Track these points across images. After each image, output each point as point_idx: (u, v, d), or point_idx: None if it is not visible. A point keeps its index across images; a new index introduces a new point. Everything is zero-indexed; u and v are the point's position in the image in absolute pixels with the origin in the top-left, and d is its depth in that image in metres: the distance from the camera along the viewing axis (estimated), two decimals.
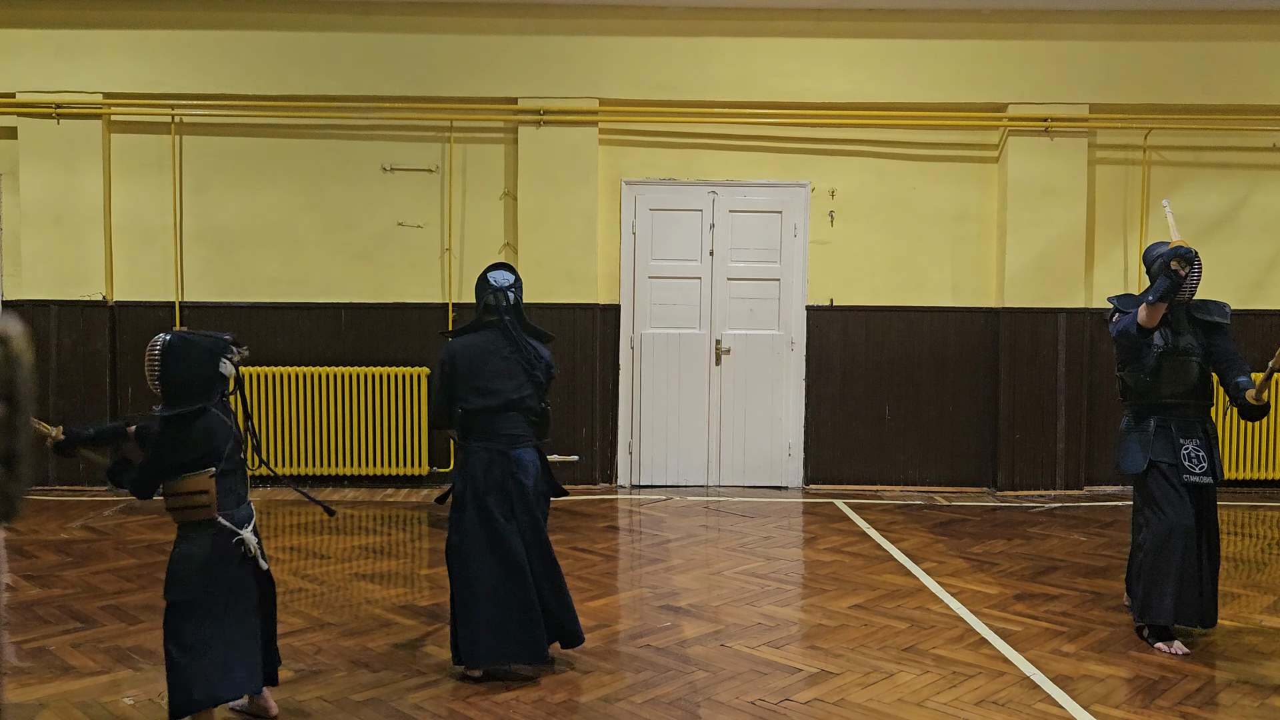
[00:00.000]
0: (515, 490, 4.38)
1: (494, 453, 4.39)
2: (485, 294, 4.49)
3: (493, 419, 4.40)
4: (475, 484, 4.37)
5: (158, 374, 3.70)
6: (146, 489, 3.74)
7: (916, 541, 6.89)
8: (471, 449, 4.42)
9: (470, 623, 4.30)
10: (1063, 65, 8.41)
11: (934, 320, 8.68)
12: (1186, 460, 4.81)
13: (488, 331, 4.48)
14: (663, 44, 8.39)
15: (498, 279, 4.50)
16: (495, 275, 4.53)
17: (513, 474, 4.37)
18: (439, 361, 4.49)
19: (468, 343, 4.47)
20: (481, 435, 4.41)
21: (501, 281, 4.50)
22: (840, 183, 8.63)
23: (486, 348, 4.43)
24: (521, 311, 4.55)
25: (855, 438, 8.71)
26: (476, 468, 4.38)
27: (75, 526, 7.09)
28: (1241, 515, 7.81)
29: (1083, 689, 4.32)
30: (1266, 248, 8.67)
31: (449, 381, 4.44)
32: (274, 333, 8.51)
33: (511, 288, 4.51)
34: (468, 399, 4.40)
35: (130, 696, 4.17)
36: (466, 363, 4.41)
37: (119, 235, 8.47)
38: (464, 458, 4.45)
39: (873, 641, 4.90)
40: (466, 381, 4.40)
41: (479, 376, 4.39)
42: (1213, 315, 4.94)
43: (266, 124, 8.50)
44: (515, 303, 4.51)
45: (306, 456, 8.44)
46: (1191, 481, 4.80)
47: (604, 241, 8.55)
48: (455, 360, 4.42)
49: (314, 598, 5.56)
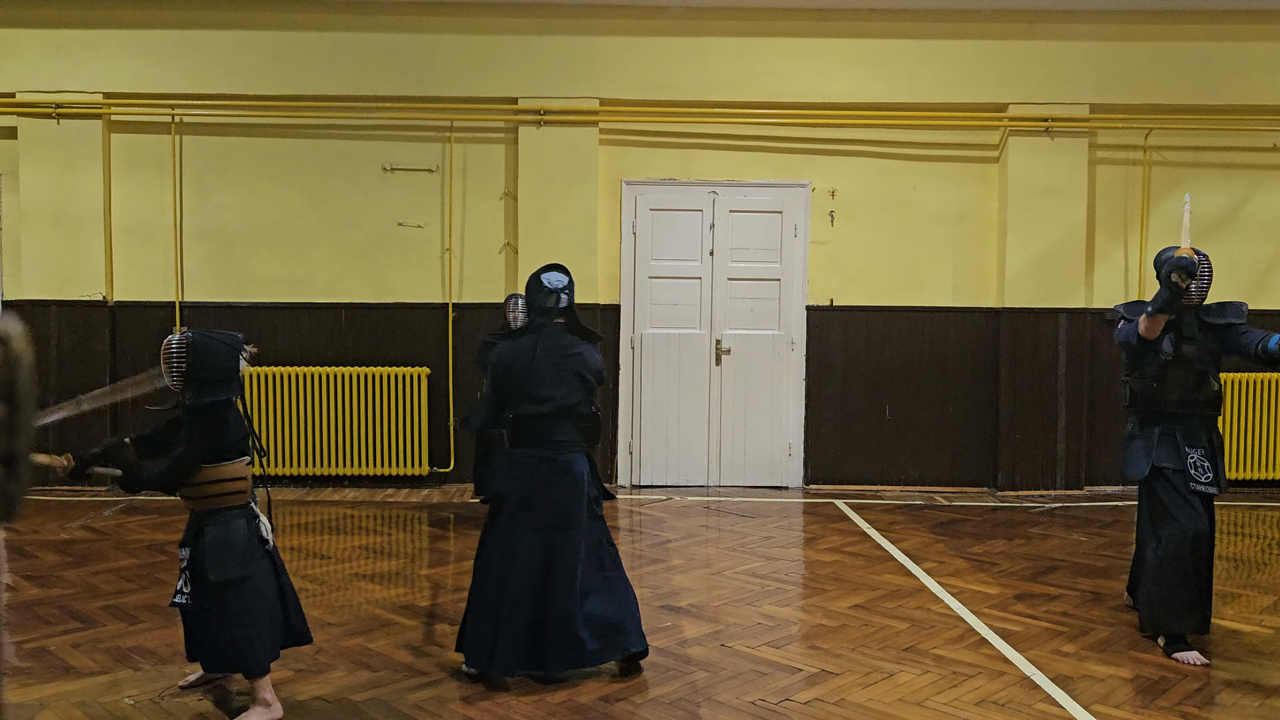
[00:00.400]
0: (560, 500, 4.29)
1: (543, 459, 4.29)
2: (538, 295, 4.37)
3: (544, 426, 4.30)
4: (523, 491, 4.28)
5: (184, 369, 3.86)
6: (178, 481, 3.90)
7: (917, 541, 6.89)
8: (521, 456, 4.31)
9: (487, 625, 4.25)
10: (1063, 65, 8.41)
11: (934, 320, 8.68)
12: (1192, 469, 4.73)
13: (538, 335, 4.35)
14: (663, 44, 8.39)
15: (551, 280, 4.37)
16: (549, 277, 4.39)
17: (559, 482, 4.29)
18: (489, 365, 4.41)
19: (519, 347, 4.34)
20: (531, 442, 4.31)
21: (555, 283, 4.36)
22: (840, 183, 8.63)
23: (538, 353, 4.30)
24: (575, 313, 4.45)
25: (855, 438, 8.71)
26: (525, 475, 4.29)
27: (75, 526, 7.09)
28: (1241, 515, 7.81)
29: (1083, 689, 4.32)
30: (1266, 248, 8.67)
31: (499, 386, 4.33)
32: (274, 333, 8.51)
33: (565, 289, 4.37)
34: (519, 405, 4.29)
35: (130, 696, 4.17)
36: (518, 368, 4.29)
37: (119, 235, 8.47)
38: (511, 463, 4.34)
39: (873, 641, 4.90)
40: (518, 388, 4.28)
41: (530, 382, 4.27)
42: (1226, 317, 4.80)
43: (266, 124, 8.50)
44: (569, 304, 4.40)
45: (307, 456, 8.44)
46: (1197, 490, 4.74)
47: (604, 241, 8.55)
48: (506, 365, 4.31)
49: (314, 598, 5.56)
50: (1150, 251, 8.54)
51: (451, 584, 5.88)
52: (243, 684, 4.14)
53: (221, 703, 4.12)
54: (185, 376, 3.87)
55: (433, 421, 8.53)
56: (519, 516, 4.28)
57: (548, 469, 4.28)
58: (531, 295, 4.40)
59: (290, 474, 8.48)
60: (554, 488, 4.28)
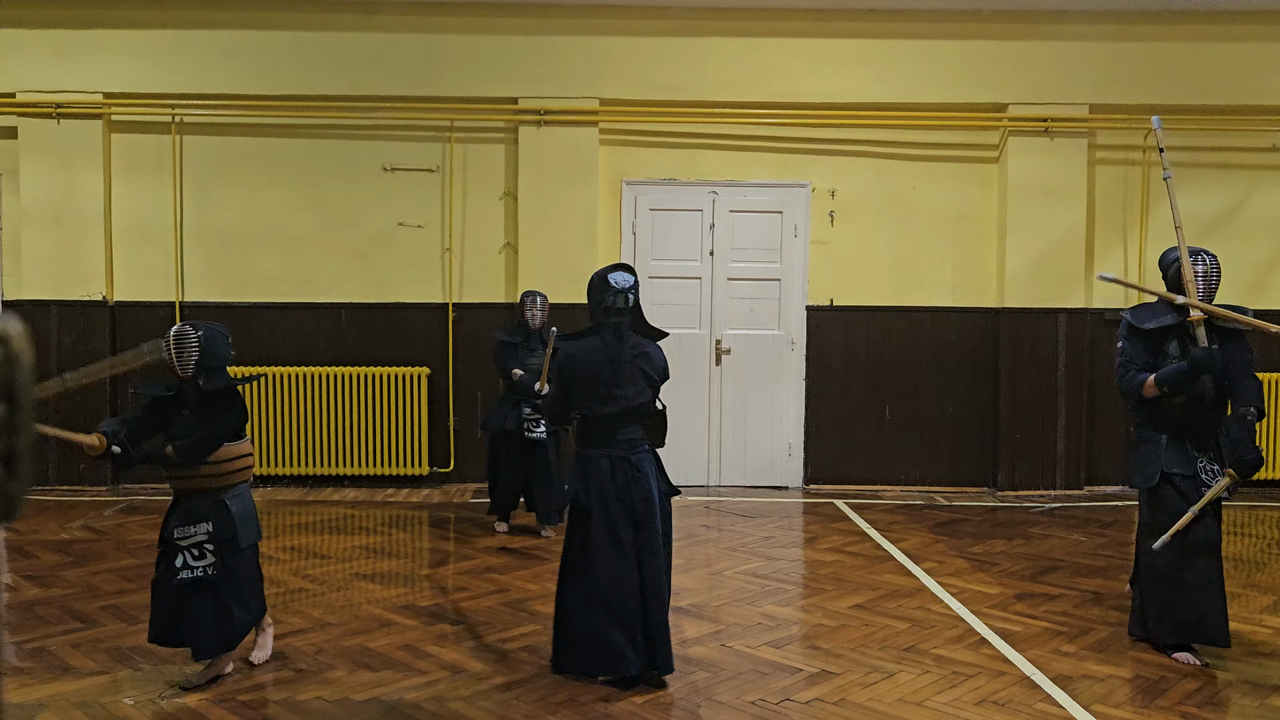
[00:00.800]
0: (638, 499, 4.28)
1: (615, 460, 4.30)
2: (605, 295, 4.34)
3: (613, 425, 4.31)
4: (600, 493, 4.27)
5: (197, 359, 4.26)
6: (203, 457, 4.27)
7: (917, 541, 6.89)
8: (592, 457, 4.32)
9: (583, 632, 4.25)
10: (1063, 65, 8.41)
11: (934, 320, 8.68)
12: (1203, 473, 4.63)
13: (606, 334, 4.33)
14: (663, 44, 8.39)
15: (619, 280, 4.33)
16: (617, 277, 4.35)
17: (636, 481, 4.28)
18: (557, 365, 4.40)
19: (588, 347, 4.33)
20: (602, 442, 4.32)
21: (623, 283, 4.33)
22: (840, 183, 8.63)
23: (607, 353, 4.29)
24: (641, 312, 4.44)
25: (855, 438, 8.71)
26: (600, 476, 4.28)
27: (75, 526, 7.09)
28: (1241, 515, 7.81)
29: (1083, 689, 4.32)
30: (1266, 248, 8.67)
31: (569, 386, 4.33)
32: (274, 333, 8.51)
33: (632, 289, 4.35)
34: (589, 406, 4.29)
35: (130, 696, 4.17)
36: (587, 369, 4.29)
37: (119, 235, 8.47)
38: (583, 466, 4.33)
39: (873, 641, 4.90)
40: (587, 388, 4.29)
41: (600, 382, 4.28)
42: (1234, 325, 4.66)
43: (266, 124, 8.50)
44: (635, 304, 4.38)
45: (307, 456, 8.44)
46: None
47: (604, 241, 8.55)
48: (575, 366, 4.31)
49: (314, 598, 5.56)
50: (1150, 251, 8.55)
51: (451, 584, 5.89)
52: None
53: (222, 702, 4.12)
54: (198, 365, 4.26)
55: (433, 421, 8.52)
56: (604, 519, 4.26)
57: (622, 470, 4.28)
58: (597, 295, 4.36)
59: (290, 474, 8.48)
60: (632, 488, 4.28)
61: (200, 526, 4.27)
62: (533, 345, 6.83)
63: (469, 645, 4.81)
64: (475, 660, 4.61)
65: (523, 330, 6.88)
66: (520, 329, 6.89)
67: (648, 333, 4.47)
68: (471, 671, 4.48)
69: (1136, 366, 4.70)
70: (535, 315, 6.85)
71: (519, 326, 6.91)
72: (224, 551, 4.28)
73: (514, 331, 6.92)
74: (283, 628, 5.03)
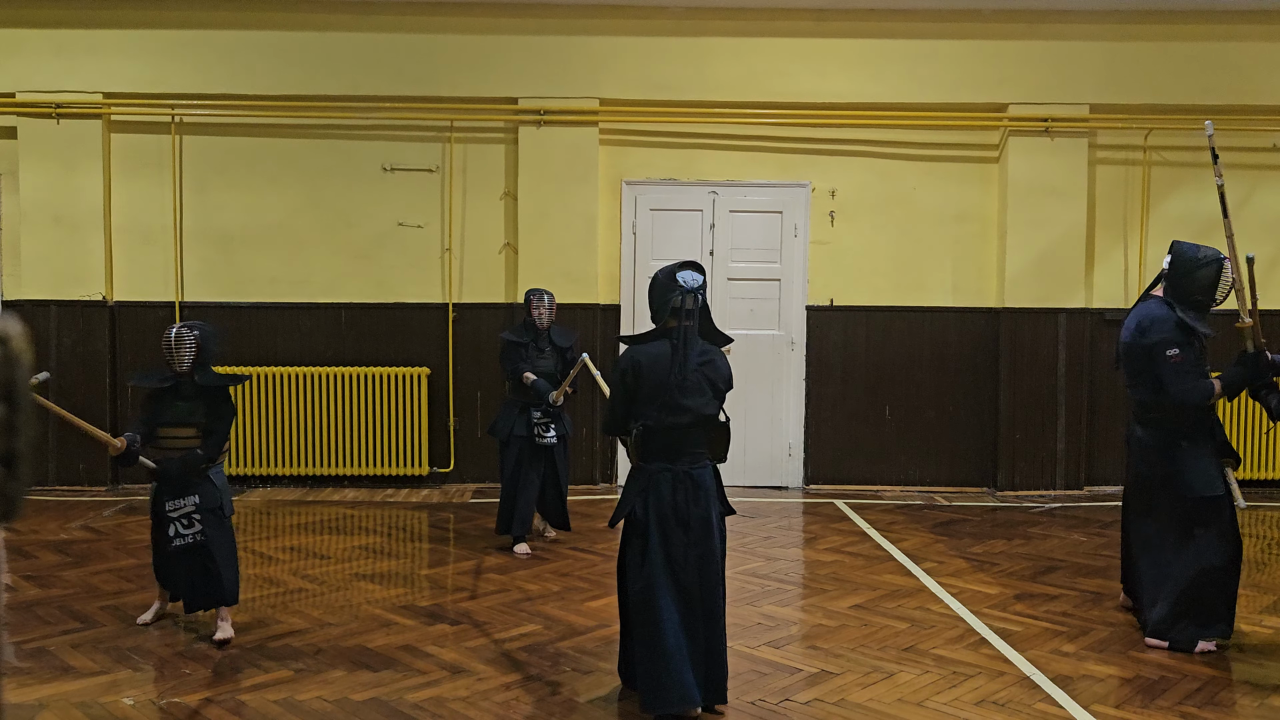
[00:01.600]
0: (697, 519, 4.00)
1: (679, 475, 4.00)
2: (671, 295, 4.00)
3: (678, 437, 4.00)
4: (658, 508, 3.98)
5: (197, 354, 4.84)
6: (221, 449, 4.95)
7: (916, 541, 6.89)
8: (655, 470, 4.01)
9: (658, 663, 3.91)
10: (1063, 65, 8.41)
11: (934, 320, 8.68)
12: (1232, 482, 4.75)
13: (673, 339, 4.01)
14: (663, 44, 8.39)
15: (688, 279, 4.01)
16: (685, 275, 4.02)
17: (696, 500, 4.00)
18: (619, 371, 4.05)
19: (655, 354, 4.00)
20: (665, 455, 4.01)
21: (692, 282, 4.00)
22: (840, 183, 8.63)
23: (675, 359, 3.97)
24: (709, 314, 4.14)
25: (855, 438, 8.71)
26: (661, 492, 3.99)
27: (75, 526, 7.09)
28: (1241, 515, 7.78)
29: (1083, 689, 4.32)
30: (1266, 248, 8.66)
31: (630, 394, 4.02)
32: (274, 333, 8.51)
33: (701, 288, 4.03)
34: (653, 416, 3.98)
35: (130, 696, 4.17)
36: (653, 376, 3.97)
37: (119, 235, 8.47)
38: (645, 479, 4.02)
39: (873, 641, 4.90)
40: (652, 397, 3.97)
41: (666, 391, 3.96)
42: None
43: (266, 124, 8.49)
44: (704, 305, 4.07)
45: (307, 456, 8.44)
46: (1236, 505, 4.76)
47: (604, 241, 8.55)
48: (640, 372, 3.98)
49: (314, 598, 5.56)
50: (1150, 251, 8.56)
51: (451, 584, 5.89)
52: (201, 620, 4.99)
53: (222, 702, 4.13)
54: (197, 360, 4.84)
55: (433, 421, 8.52)
56: (661, 537, 3.98)
57: (685, 487, 4.00)
58: (663, 294, 4.04)
59: (290, 474, 8.48)
60: (692, 507, 4.00)
61: (189, 499, 4.82)
62: (541, 345, 6.59)
63: (469, 645, 4.81)
64: (475, 660, 4.61)
65: (530, 330, 6.58)
66: (528, 328, 6.60)
67: (713, 337, 4.16)
68: (471, 671, 4.48)
69: (1198, 373, 4.67)
70: (543, 314, 6.54)
71: (526, 326, 6.62)
72: (210, 520, 4.83)
73: (521, 331, 6.63)
74: (283, 628, 5.03)
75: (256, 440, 8.42)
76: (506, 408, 6.63)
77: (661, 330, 4.07)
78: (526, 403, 6.50)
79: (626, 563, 4.11)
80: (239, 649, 4.72)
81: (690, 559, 3.98)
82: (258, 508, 7.82)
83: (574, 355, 6.59)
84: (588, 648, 4.78)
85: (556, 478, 6.64)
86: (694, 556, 3.99)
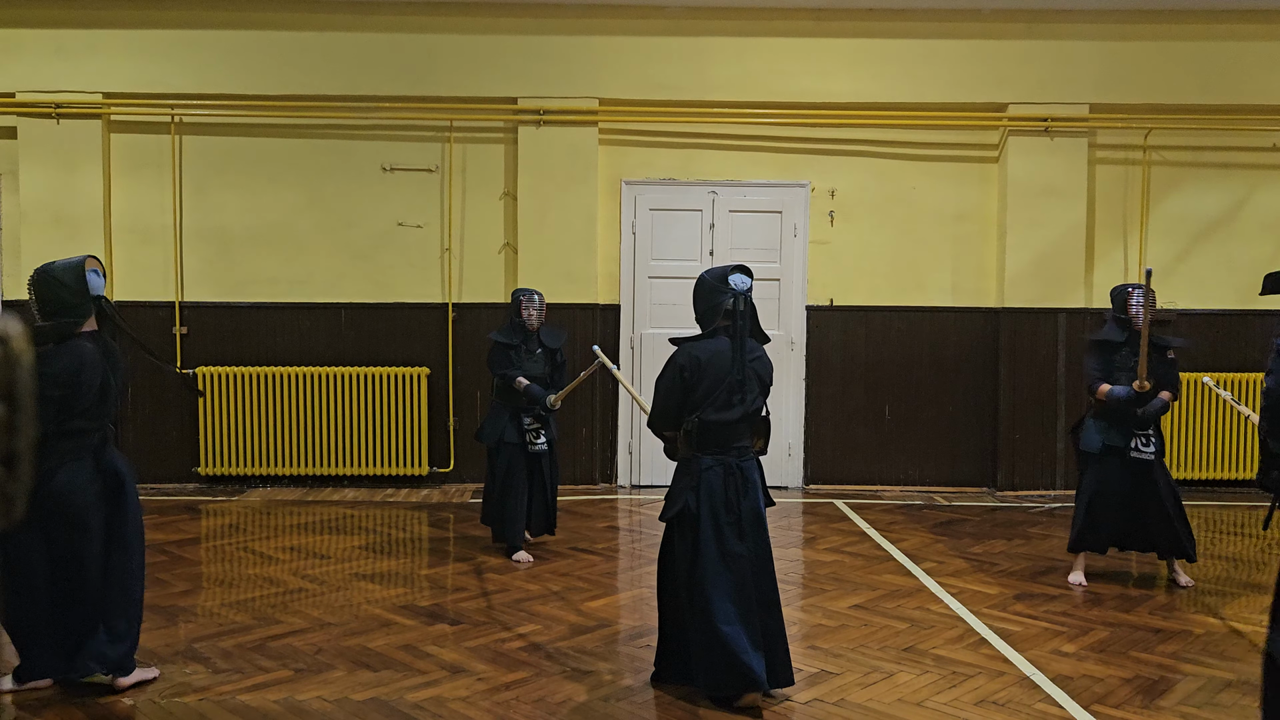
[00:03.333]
0: (748, 508, 4.19)
1: (729, 467, 4.18)
2: (723, 298, 4.22)
3: (729, 432, 4.20)
4: (710, 501, 4.15)
5: (39, 307, 4.33)
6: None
7: (916, 541, 6.89)
8: (706, 464, 4.18)
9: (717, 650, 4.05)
10: (1063, 65, 8.41)
11: (934, 320, 8.68)
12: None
13: (724, 338, 4.22)
14: (663, 44, 8.39)
15: (740, 282, 4.22)
16: (737, 279, 4.23)
17: (745, 492, 4.18)
18: (677, 367, 4.19)
19: (714, 350, 4.20)
20: (716, 448, 4.19)
21: (744, 285, 4.22)
22: (840, 183, 8.63)
23: (729, 357, 4.18)
24: (756, 315, 4.31)
25: (855, 438, 8.71)
26: (713, 485, 4.16)
27: None
28: (1242, 515, 7.81)
29: (1083, 689, 4.32)
30: (1266, 248, 8.67)
31: (688, 390, 4.18)
32: (274, 333, 8.51)
33: (749, 291, 4.24)
34: (709, 411, 4.16)
35: (130, 696, 4.17)
36: (712, 372, 4.17)
37: (119, 235, 8.47)
38: (697, 472, 4.18)
39: (873, 641, 4.90)
40: (710, 393, 4.16)
41: (721, 388, 4.16)
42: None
43: (266, 124, 8.50)
44: (752, 307, 4.26)
45: (307, 456, 8.44)
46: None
47: (604, 241, 8.55)
48: (700, 369, 4.17)
49: (314, 598, 5.56)
50: (1150, 251, 8.57)
51: (451, 584, 5.89)
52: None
53: (222, 702, 4.13)
54: (43, 313, 4.22)
55: (433, 421, 8.52)
56: (714, 528, 4.13)
57: (735, 479, 4.18)
58: (713, 297, 4.24)
59: (290, 474, 8.48)
60: (741, 499, 4.18)
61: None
62: (531, 347, 6.36)
63: (469, 645, 4.81)
64: (475, 660, 4.61)
65: (519, 331, 6.33)
66: (517, 329, 6.34)
67: (759, 336, 4.36)
68: (471, 671, 4.48)
69: None
70: (533, 315, 6.32)
71: (515, 327, 6.35)
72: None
73: (510, 333, 6.35)
74: (283, 628, 5.03)
75: (256, 440, 8.42)
76: (495, 412, 6.40)
77: (715, 330, 4.25)
78: (517, 407, 6.29)
79: (675, 555, 4.24)
80: (239, 649, 4.72)
81: (743, 550, 4.14)
82: (258, 508, 7.82)
83: (564, 357, 6.49)
84: (588, 648, 4.78)
85: (544, 486, 6.43)
86: (747, 547, 4.15)
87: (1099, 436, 5.75)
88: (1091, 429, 5.81)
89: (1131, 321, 5.72)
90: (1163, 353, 5.78)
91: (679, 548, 4.21)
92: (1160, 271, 8.65)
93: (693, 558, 4.15)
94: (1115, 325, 5.84)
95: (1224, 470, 8.60)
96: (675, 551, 4.25)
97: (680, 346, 4.30)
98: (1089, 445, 5.80)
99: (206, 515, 7.58)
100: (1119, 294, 5.87)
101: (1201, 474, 8.59)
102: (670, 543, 4.29)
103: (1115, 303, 5.90)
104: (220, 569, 6.18)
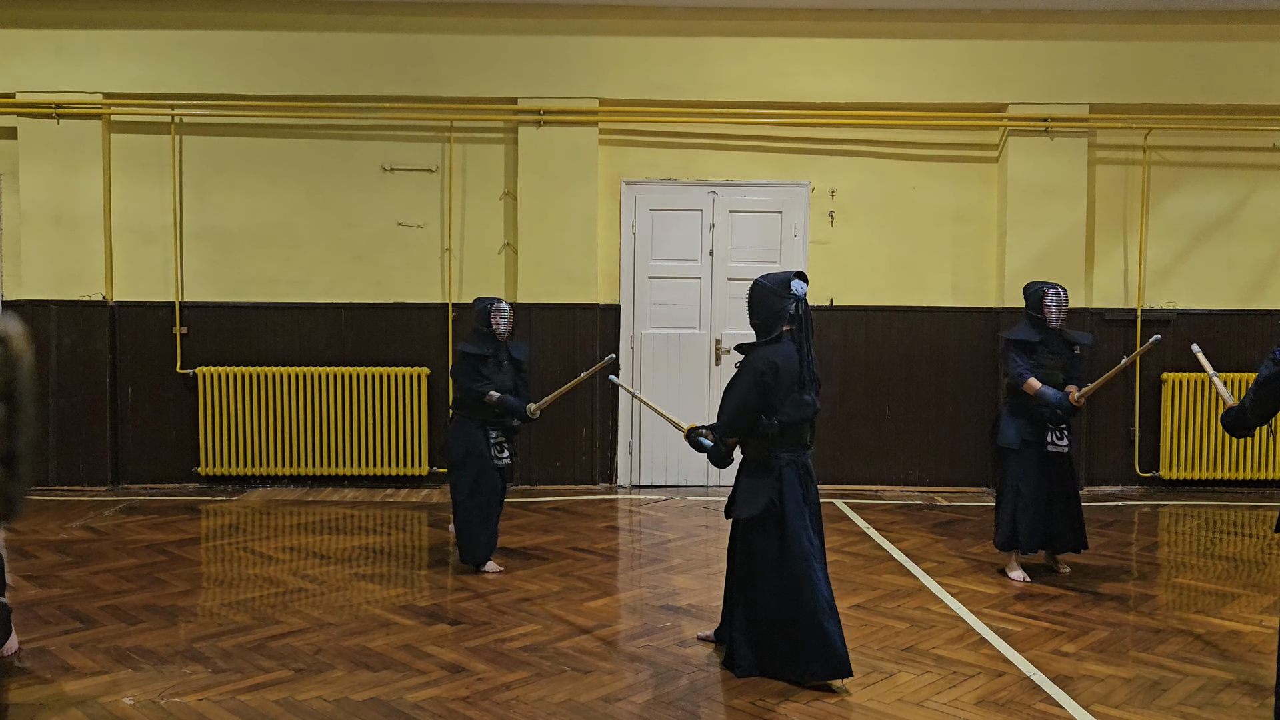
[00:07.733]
0: (814, 501, 4.54)
1: (801, 465, 4.50)
2: (786, 303, 4.45)
3: (800, 432, 4.51)
4: (793, 497, 4.44)
5: None
6: None
7: (916, 541, 6.89)
8: (785, 462, 4.47)
9: (824, 633, 4.32)
10: (1063, 65, 8.41)
11: (934, 320, 8.68)
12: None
13: (790, 343, 4.48)
14: (663, 44, 8.39)
15: (800, 288, 4.46)
16: (798, 285, 4.47)
17: (810, 488, 4.51)
18: (757, 372, 4.42)
19: (786, 355, 4.46)
20: (792, 447, 4.49)
21: (803, 290, 4.47)
22: (840, 183, 8.63)
23: (797, 360, 4.46)
24: (811, 318, 4.55)
25: (855, 438, 8.71)
26: (791, 481, 4.46)
27: (75, 526, 7.09)
28: (1242, 515, 7.80)
29: (1083, 689, 4.32)
30: (1266, 248, 8.66)
31: (770, 393, 4.42)
32: (274, 333, 8.51)
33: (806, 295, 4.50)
34: (788, 412, 4.45)
35: (130, 696, 4.17)
36: (788, 376, 4.43)
37: (119, 235, 8.47)
38: (777, 470, 4.46)
39: (873, 641, 4.90)
40: (787, 394, 4.44)
41: (796, 389, 4.45)
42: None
43: (266, 124, 8.49)
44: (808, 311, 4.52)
45: (306, 456, 8.44)
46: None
47: (604, 241, 8.55)
48: (779, 373, 4.42)
49: (314, 598, 5.56)
50: (1150, 251, 8.57)
51: (451, 584, 5.89)
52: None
53: (222, 702, 4.13)
54: None
55: (433, 421, 8.52)
56: (799, 523, 4.43)
57: (806, 476, 4.51)
58: (776, 302, 4.46)
59: (290, 474, 8.48)
60: (811, 490, 4.51)
61: None
62: (501, 358, 6.07)
63: (469, 645, 4.81)
64: (475, 660, 4.61)
65: (489, 341, 6.03)
66: (486, 339, 6.03)
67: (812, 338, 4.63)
68: (471, 671, 4.48)
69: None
70: (501, 325, 6.03)
71: (484, 337, 6.03)
72: None
73: (480, 342, 6.03)
74: (282, 628, 5.04)
75: (256, 440, 8.42)
76: (459, 425, 6.07)
77: (780, 335, 4.49)
78: (484, 420, 6.01)
79: (754, 552, 4.48)
80: (239, 649, 4.73)
81: (819, 542, 4.49)
82: (258, 508, 7.82)
83: (528, 369, 6.28)
84: (588, 648, 4.78)
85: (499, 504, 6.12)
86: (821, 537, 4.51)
87: (1016, 433, 5.93)
88: (1009, 425, 5.97)
89: (1046, 320, 5.93)
90: (1070, 348, 6.00)
91: (759, 544, 4.47)
92: (1160, 271, 8.66)
93: (780, 553, 4.42)
94: (1029, 324, 6.04)
95: (1224, 470, 8.59)
96: (755, 549, 4.48)
97: (754, 353, 4.50)
98: (1007, 441, 5.96)
99: (206, 515, 7.58)
100: (1034, 292, 6.03)
101: (1201, 474, 8.58)
102: (748, 540, 4.51)
103: (1030, 301, 6.05)
104: (220, 569, 6.18)
